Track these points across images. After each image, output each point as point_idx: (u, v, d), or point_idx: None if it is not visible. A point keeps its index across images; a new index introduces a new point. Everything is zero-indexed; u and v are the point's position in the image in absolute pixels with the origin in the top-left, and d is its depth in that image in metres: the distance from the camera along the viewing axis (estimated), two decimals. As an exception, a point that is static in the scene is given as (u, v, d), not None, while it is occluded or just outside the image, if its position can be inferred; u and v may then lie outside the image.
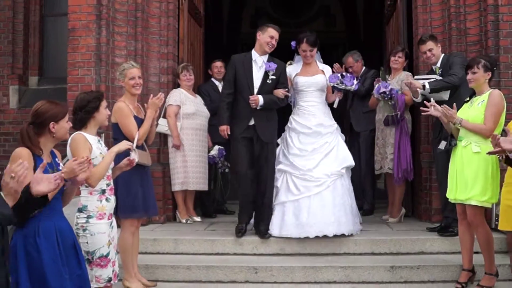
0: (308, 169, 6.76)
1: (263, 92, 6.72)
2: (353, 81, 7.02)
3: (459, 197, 5.63)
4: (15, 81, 9.82)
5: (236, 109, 6.83)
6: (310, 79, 7.01)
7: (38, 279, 3.68)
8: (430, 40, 7.04)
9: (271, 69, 6.71)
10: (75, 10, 7.57)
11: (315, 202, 6.62)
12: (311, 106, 7.02)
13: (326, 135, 6.93)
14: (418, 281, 5.97)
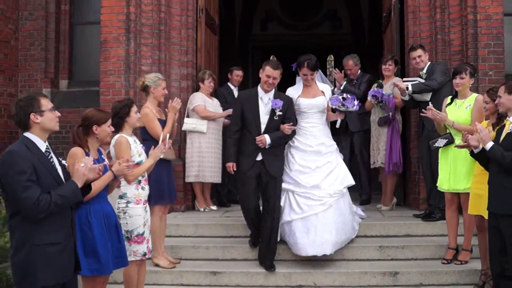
0: (312, 186, 6.86)
1: (270, 128, 6.78)
2: (354, 102, 7.00)
3: (456, 187, 6.62)
4: (48, 84, 10.59)
5: (243, 145, 6.86)
6: (311, 101, 7.10)
7: (90, 249, 4.74)
8: (420, 48, 8.01)
9: (278, 107, 6.75)
10: (107, 25, 8.60)
11: (320, 221, 6.74)
12: (312, 127, 7.11)
13: (327, 155, 7.07)
14: (403, 258, 6.99)
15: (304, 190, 6.87)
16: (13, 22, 10.40)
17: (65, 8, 10.91)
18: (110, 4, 8.58)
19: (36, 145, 4.09)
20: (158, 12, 8.85)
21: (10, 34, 10.28)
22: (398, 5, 9.10)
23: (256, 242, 6.96)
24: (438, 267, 6.74)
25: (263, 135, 6.70)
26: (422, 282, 6.55)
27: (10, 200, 3.96)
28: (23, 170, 3.90)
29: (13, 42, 10.42)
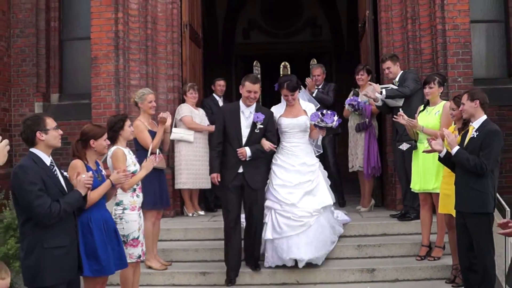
0: (291, 204, 7.00)
1: (252, 141, 6.97)
2: (334, 118, 7.05)
3: (426, 187, 7.18)
4: (40, 98, 10.97)
5: (226, 158, 7.02)
6: (293, 121, 7.22)
7: (91, 252, 5.23)
8: (389, 60, 8.51)
9: (259, 120, 6.94)
10: (97, 42, 9.10)
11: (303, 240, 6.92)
12: (294, 147, 7.23)
13: (309, 174, 7.19)
14: (380, 256, 7.52)
15: (285, 208, 7.01)
16: (5, 40, 10.79)
17: (55, 25, 11.27)
18: (99, 23, 9.10)
19: (42, 159, 4.60)
20: (144, 29, 9.37)
21: (2, 51, 10.69)
22: (372, 16, 9.63)
23: (233, 279, 7.01)
24: (412, 263, 7.26)
25: (243, 148, 6.88)
26: (398, 277, 7.07)
27: (23, 209, 4.47)
28: (34, 182, 4.42)
29: (5, 59, 10.81)
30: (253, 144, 6.93)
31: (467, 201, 5.90)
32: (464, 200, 5.96)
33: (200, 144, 9.07)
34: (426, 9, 9.06)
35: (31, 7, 11.01)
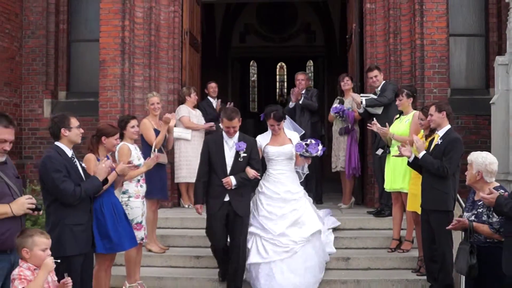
0: (278, 234, 7.15)
1: (236, 169, 7.12)
2: (318, 147, 7.29)
3: (395, 187, 8.07)
4: (48, 95, 11.80)
5: (211, 187, 7.19)
6: (279, 149, 7.42)
7: (104, 232, 6.12)
8: (376, 69, 9.38)
9: (241, 149, 7.08)
10: (105, 47, 10.01)
11: (287, 266, 7.11)
12: (279, 174, 7.43)
13: (293, 202, 7.37)
14: (355, 247, 8.37)
15: (271, 237, 7.17)
16: (18, 40, 11.65)
17: (63, 27, 12.08)
18: (107, 29, 10.02)
19: (65, 152, 5.51)
20: (148, 36, 10.29)
21: (15, 51, 11.54)
22: (358, 29, 10.52)
23: (225, 276, 7.42)
24: (384, 254, 8.13)
25: (229, 177, 7.05)
26: (370, 266, 7.93)
27: (49, 193, 5.37)
28: (59, 169, 5.33)
29: (17, 58, 11.66)
30: (237, 173, 7.09)
31: (431, 200, 6.76)
32: (428, 199, 6.82)
33: (197, 142, 9.74)
34: (407, 25, 9.95)
35: (42, 10, 11.83)
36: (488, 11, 11.29)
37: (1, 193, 4.67)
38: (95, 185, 5.65)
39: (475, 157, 5.61)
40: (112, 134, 6.38)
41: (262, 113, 7.60)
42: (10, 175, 4.83)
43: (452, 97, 10.89)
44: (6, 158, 4.87)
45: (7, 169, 4.83)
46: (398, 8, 10.08)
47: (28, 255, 4.36)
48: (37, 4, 11.83)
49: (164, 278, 7.68)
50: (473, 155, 5.65)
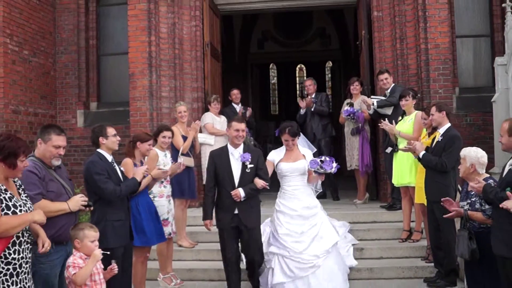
0: (299, 252, 7.13)
1: (244, 181, 7.09)
2: (332, 164, 7.31)
3: (402, 182, 8.71)
4: (81, 106, 12.58)
5: (220, 201, 7.19)
6: (292, 165, 7.40)
7: (139, 228, 6.95)
8: (386, 72, 10.06)
9: (246, 160, 7.07)
10: (134, 61, 10.84)
11: (313, 281, 7.10)
12: (295, 190, 7.40)
13: (312, 218, 7.34)
14: (369, 239, 9.01)
15: (293, 254, 7.15)
16: (52, 57, 12.51)
17: (93, 43, 12.90)
18: (135, 45, 10.86)
19: (105, 157, 6.29)
20: (173, 49, 11.13)
21: (49, 66, 12.41)
22: (367, 35, 11.21)
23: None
24: (395, 244, 8.76)
25: (237, 189, 7.03)
26: (382, 255, 8.58)
27: (94, 192, 6.15)
28: (101, 172, 6.13)
29: (52, 73, 12.52)
30: (246, 184, 7.08)
31: (434, 192, 7.39)
32: (431, 191, 7.49)
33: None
34: (412, 31, 10.62)
35: (73, 28, 12.68)
36: (492, 13, 11.88)
37: (58, 192, 5.44)
38: (132, 186, 6.42)
39: (468, 151, 6.26)
40: (145, 140, 7.17)
41: (277, 128, 7.63)
42: (64, 177, 5.63)
43: (461, 95, 11.55)
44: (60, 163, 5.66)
45: (61, 172, 5.64)
46: (403, 15, 10.75)
47: (79, 245, 5.15)
48: (69, 22, 12.66)
49: (194, 270, 8.41)
50: (465, 150, 6.31)
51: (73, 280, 5.05)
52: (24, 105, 11.45)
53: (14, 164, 4.62)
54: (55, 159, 5.50)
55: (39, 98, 12.03)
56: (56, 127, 5.63)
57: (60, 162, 5.64)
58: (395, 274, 8.14)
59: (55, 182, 5.48)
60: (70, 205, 5.46)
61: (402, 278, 8.08)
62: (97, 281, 5.22)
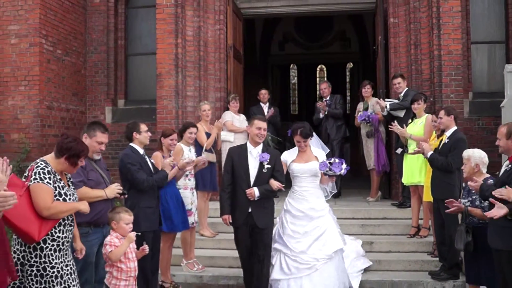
0: (300, 251, 7.17)
1: (260, 181, 7.15)
2: (341, 166, 7.21)
3: (412, 181, 9.29)
4: (109, 103, 13.34)
5: (236, 198, 7.22)
6: (304, 166, 7.42)
7: (167, 216, 7.67)
8: (400, 77, 10.62)
9: (265, 160, 7.10)
10: (161, 62, 11.55)
11: (306, 283, 7.12)
12: (304, 191, 7.40)
13: (318, 219, 7.33)
14: (379, 234, 9.64)
15: (293, 253, 7.20)
16: (82, 56, 13.29)
17: (121, 43, 13.65)
18: (163, 47, 11.56)
19: (138, 150, 7.03)
20: (198, 51, 11.85)
21: (80, 65, 13.19)
22: (383, 41, 11.80)
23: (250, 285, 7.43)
24: (403, 240, 9.38)
25: (252, 188, 7.08)
26: (391, 249, 9.19)
27: (127, 182, 6.87)
28: (133, 163, 6.90)
29: (82, 71, 13.30)
30: (261, 184, 7.14)
31: (439, 191, 7.97)
32: (437, 190, 8.06)
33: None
34: (426, 37, 11.18)
35: (103, 28, 13.43)
36: (508, 20, 12.37)
37: (97, 181, 6.17)
38: (162, 177, 7.16)
39: (471, 153, 6.88)
40: (168, 135, 7.87)
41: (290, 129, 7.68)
42: (103, 168, 6.37)
43: (474, 100, 12.12)
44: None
45: (100, 164, 6.38)
46: (418, 22, 11.32)
47: (115, 227, 5.86)
48: (99, 23, 13.42)
49: (215, 257, 9.11)
50: (468, 151, 6.93)
51: (109, 256, 5.76)
52: (57, 101, 12.23)
53: (75, 163, 5.40)
54: (96, 153, 6.25)
55: (70, 95, 12.79)
56: (101, 125, 6.38)
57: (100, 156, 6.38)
58: (402, 267, 8.75)
59: (95, 172, 6.21)
60: (107, 192, 6.17)
61: (408, 271, 8.68)
62: (130, 259, 5.90)
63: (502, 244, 5.98)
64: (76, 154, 5.36)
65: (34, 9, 11.67)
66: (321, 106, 11.90)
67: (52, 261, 5.16)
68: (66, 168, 5.39)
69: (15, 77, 11.76)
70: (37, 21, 11.64)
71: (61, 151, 5.34)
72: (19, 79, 11.75)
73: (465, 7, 12.04)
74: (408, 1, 11.50)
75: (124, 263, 5.84)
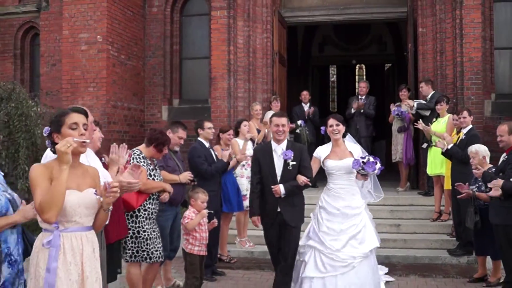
0: (336, 249, 6.97)
1: (286, 178, 7.02)
2: (375, 166, 6.99)
3: (436, 172, 10.90)
4: (165, 102, 15.20)
5: (264, 198, 7.16)
6: (339, 163, 7.24)
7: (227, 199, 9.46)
8: (423, 82, 12.27)
9: (289, 158, 6.97)
10: (215, 66, 13.38)
11: (341, 282, 6.93)
12: (340, 189, 7.22)
13: (353, 217, 7.14)
14: (405, 218, 11.30)
15: (329, 251, 7.01)
16: (141, 60, 15.20)
17: (176, 48, 15.49)
18: (217, 53, 13.39)
19: (204, 144, 8.86)
20: (247, 58, 13.65)
21: (140, 68, 15.11)
22: (413, 48, 13.48)
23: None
24: (427, 223, 11.06)
25: (278, 185, 6.99)
26: (415, 231, 10.85)
27: (195, 170, 8.56)
28: (200, 155, 8.72)
29: (142, 74, 15.20)
30: (287, 181, 7.04)
31: (457, 179, 9.35)
32: (455, 178, 9.55)
33: None
34: (450, 46, 12.77)
35: (160, 35, 15.31)
36: None
37: (173, 168, 7.93)
38: (221, 167, 8.90)
39: (479, 147, 8.49)
40: (225, 131, 9.62)
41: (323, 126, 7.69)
42: (179, 158, 8.19)
43: (496, 101, 13.68)
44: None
45: (178, 156, 8.21)
46: (443, 32, 12.91)
47: (193, 203, 7.62)
48: (156, 30, 15.31)
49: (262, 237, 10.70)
50: (475, 147, 8.53)
51: (185, 226, 7.51)
52: (120, 101, 14.13)
53: (161, 150, 7.20)
54: (176, 146, 8.06)
55: (131, 95, 14.67)
56: (182, 124, 8.17)
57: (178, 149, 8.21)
58: (424, 245, 10.41)
59: (172, 161, 8.00)
60: (180, 177, 7.94)
61: (429, 249, 10.35)
62: (202, 230, 7.59)
63: (498, 219, 7.67)
64: (162, 143, 7.15)
65: (102, 19, 13.59)
66: (360, 105, 13.40)
67: (144, 227, 6.93)
68: (154, 154, 7.19)
69: (85, 79, 13.68)
70: (104, 30, 13.57)
71: (150, 140, 7.16)
72: (88, 81, 13.66)
73: (489, 16, 13.65)
74: (435, 13, 13.10)
75: (198, 232, 7.50)
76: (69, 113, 4.33)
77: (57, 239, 4.14)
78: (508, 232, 7.57)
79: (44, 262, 4.14)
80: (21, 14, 16.89)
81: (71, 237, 4.20)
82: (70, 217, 4.17)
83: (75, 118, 4.31)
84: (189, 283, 7.61)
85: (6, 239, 4.71)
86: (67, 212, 4.15)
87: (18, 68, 17.06)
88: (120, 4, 14.12)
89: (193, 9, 15.76)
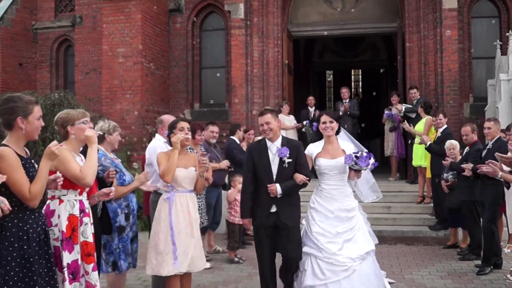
0: (333, 253, 6.75)
1: (282, 177, 6.69)
2: (368, 161, 6.84)
3: (417, 163, 13.54)
4: (188, 106, 17.87)
5: (257, 197, 6.82)
6: (332, 163, 6.99)
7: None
8: (415, 88, 14.90)
9: (284, 155, 6.67)
10: (235, 77, 16.07)
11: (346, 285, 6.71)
12: (332, 190, 6.99)
13: (349, 221, 6.92)
14: (395, 201, 13.83)
15: (326, 255, 6.78)
16: (167, 70, 17.93)
17: (197, 59, 18.18)
18: (237, 66, 16.12)
19: (236, 141, 11.71)
20: (262, 69, 16.40)
21: (165, 77, 17.84)
22: (401, 59, 16.27)
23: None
24: (412, 205, 13.64)
25: (274, 184, 6.66)
26: (403, 211, 13.39)
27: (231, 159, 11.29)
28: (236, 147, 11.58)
29: (167, 82, 17.94)
30: (284, 180, 6.72)
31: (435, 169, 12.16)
32: (434, 168, 12.28)
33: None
34: (433, 58, 15.51)
35: (183, 48, 18.05)
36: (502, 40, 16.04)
37: (213, 158, 10.48)
38: None
39: (453, 142, 11.08)
40: (247, 130, 12.46)
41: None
42: (218, 151, 10.89)
43: (474, 103, 16.44)
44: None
45: (217, 149, 10.89)
46: (427, 47, 15.64)
47: (233, 184, 10.42)
48: (179, 43, 18.05)
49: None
50: (452, 142, 11.12)
51: (227, 199, 10.38)
52: (151, 105, 16.86)
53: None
54: (212, 138, 10.67)
55: (159, 100, 17.37)
56: (211, 122, 10.87)
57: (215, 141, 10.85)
58: (410, 222, 12.96)
59: (213, 153, 10.69)
60: (220, 165, 10.61)
61: (414, 225, 12.88)
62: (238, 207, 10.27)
63: (464, 196, 10.35)
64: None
65: (136, 36, 16.34)
66: (346, 107, 15.84)
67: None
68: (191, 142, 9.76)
69: (122, 87, 16.38)
70: (139, 45, 16.32)
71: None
72: (125, 89, 16.36)
73: (467, 31, 16.45)
74: (419, 30, 15.84)
75: (238, 206, 9.75)
76: (179, 121, 7.19)
77: (172, 196, 6.93)
78: (471, 207, 10.25)
79: (164, 210, 6.92)
80: (57, 28, 19.76)
81: (180, 196, 6.97)
82: (180, 184, 6.94)
83: (182, 124, 7.11)
84: (230, 245, 10.42)
85: (132, 199, 7.40)
86: (178, 181, 6.91)
87: (53, 76, 19.92)
88: (151, 22, 16.85)
89: (211, 25, 18.40)
